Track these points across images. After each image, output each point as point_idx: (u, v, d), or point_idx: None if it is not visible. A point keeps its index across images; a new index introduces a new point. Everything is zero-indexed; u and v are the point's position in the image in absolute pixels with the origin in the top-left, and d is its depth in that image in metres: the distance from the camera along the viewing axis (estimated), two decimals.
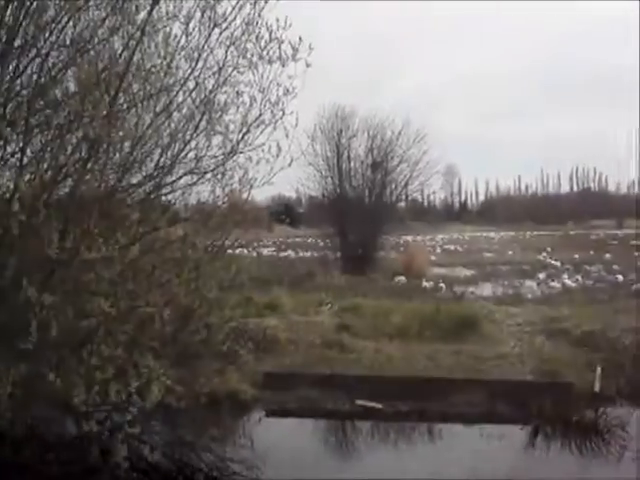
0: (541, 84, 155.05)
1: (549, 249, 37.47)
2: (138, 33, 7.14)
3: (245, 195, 8.32)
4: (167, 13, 7.65)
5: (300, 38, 7.86)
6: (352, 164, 28.51)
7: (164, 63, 7.61)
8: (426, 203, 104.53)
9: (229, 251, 8.72)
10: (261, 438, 9.33)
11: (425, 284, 21.66)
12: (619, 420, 9.48)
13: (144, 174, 7.67)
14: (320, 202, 30.54)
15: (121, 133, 7.09)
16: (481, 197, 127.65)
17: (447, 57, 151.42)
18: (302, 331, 13.17)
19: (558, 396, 9.89)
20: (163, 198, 8.13)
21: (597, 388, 10.38)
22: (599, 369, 10.95)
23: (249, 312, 12.64)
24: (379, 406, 10.23)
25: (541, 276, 23.91)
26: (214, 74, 8.00)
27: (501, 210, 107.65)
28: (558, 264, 29.08)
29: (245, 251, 16.71)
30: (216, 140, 8.06)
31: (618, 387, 10.68)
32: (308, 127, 27.05)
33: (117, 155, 7.21)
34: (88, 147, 6.57)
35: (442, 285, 21.37)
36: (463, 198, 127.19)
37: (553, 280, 22.93)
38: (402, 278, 22.81)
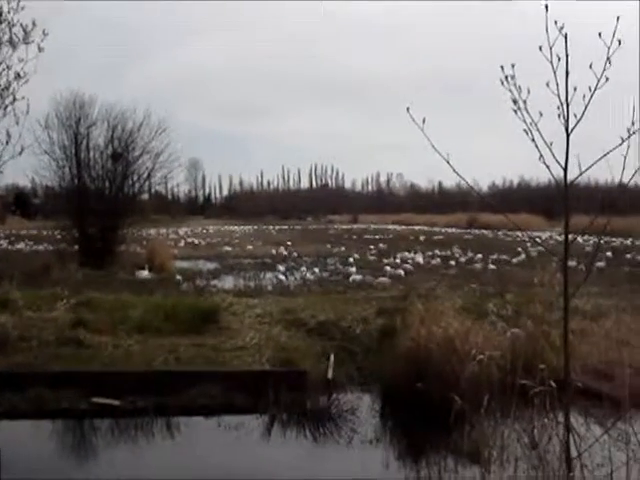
0: (287, 84, 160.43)
1: (289, 243, 38.72)
2: None
3: None
4: None
5: (34, 22, 7.56)
6: (92, 154, 27.53)
7: None
8: (170, 196, 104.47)
9: None
10: None
11: (167, 278, 21.50)
12: (350, 405, 10.08)
13: None
14: (57, 193, 29.21)
15: None
16: (225, 192, 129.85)
17: (194, 52, 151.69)
18: (35, 328, 12.58)
19: (294, 384, 10.28)
20: None
21: (330, 375, 10.90)
22: (332, 357, 11.53)
23: None
24: (116, 403, 10.02)
25: (281, 268, 24.59)
26: None
27: (244, 205, 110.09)
28: (297, 257, 30.15)
29: None
30: None
31: (349, 374, 11.33)
32: (44, 114, 25.86)
33: None
34: None
35: (179, 278, 21.35)
36: (207, 192, 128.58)
37: (292, 272, 23.71)
38: (144, 272, 22.47)
